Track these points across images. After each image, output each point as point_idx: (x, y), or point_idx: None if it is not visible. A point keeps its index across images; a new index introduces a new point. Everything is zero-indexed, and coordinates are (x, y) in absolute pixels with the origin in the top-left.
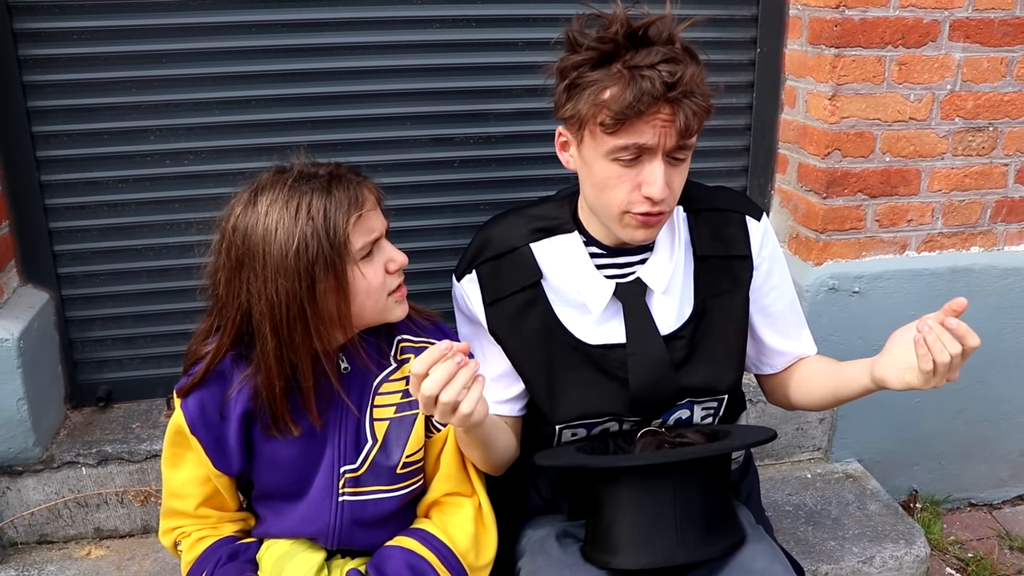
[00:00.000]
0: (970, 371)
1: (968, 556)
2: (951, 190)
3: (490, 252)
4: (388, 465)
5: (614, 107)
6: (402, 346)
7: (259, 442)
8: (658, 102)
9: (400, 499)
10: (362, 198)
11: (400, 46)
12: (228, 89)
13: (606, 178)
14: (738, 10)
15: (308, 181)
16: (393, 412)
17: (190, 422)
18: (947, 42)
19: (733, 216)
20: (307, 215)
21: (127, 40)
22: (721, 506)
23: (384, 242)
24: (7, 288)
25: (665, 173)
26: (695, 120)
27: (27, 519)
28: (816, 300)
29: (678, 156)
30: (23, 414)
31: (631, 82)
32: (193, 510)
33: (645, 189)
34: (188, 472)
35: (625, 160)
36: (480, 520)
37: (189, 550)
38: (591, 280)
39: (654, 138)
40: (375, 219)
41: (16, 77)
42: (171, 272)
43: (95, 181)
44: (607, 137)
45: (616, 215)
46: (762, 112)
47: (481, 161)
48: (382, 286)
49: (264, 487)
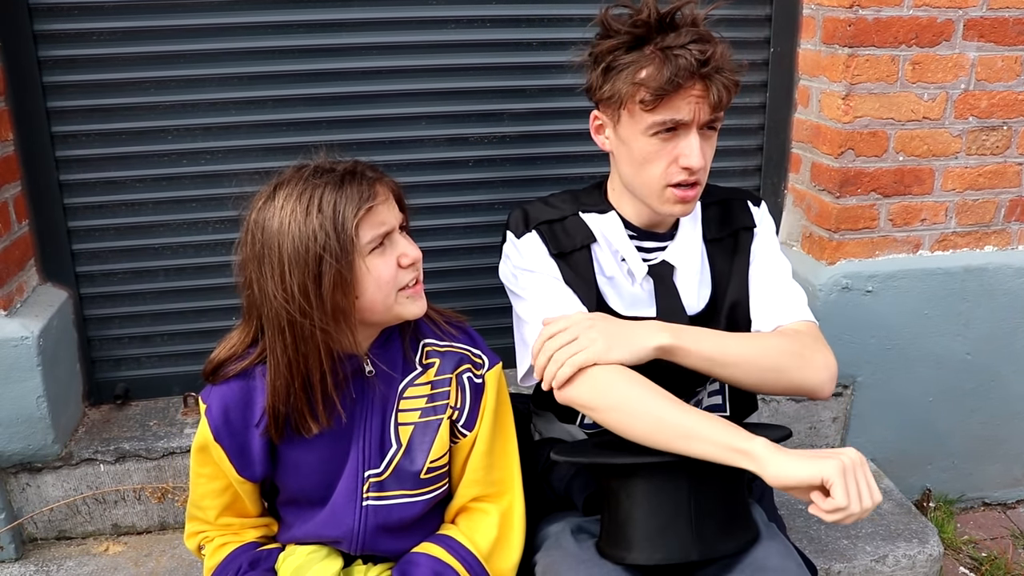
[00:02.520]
0: (984, 371)
1: (982, 556)
2: (965, 189)
3: (544, 217)
4: (412, 470)
5: (652, 85)
6: (427, 350)
7: (283, 447)
8: (692, 78)
9: (424, 504)
10: (373, 191)
11: (415, 46)
12: (245, 89)
13: (646, 154)
14: (752, 10)
15: (322, 176)
16: (418, 417)
17: (214, 430)
18: (961, 41)
19: (735, 201)
20: (317, 208)
21: (145, 41)
22: (736, 503)
23: (398, 236)
24: (27, 287)
25: (700, 145)
26: (726, 94)
27: (46, 515)
28: (829, 299)
29: (711, 128)
30: (43, 411)
31: (666, 61)
32: (214, 520)
33: (683, 160)
34: (204, 486)
35: (663, 135)
36: (506, 525)
37: (211, 555)
38: (631, 257)
39: (689, 113)
40: (387, 212)
41: (36, 78)
42: (188, 271)
43: (113, 181)
44: (646, 114)
45: (657, 190)
46: (775, 111)
47: (496, 161)
48: (392, 280)
49: (289, 492)
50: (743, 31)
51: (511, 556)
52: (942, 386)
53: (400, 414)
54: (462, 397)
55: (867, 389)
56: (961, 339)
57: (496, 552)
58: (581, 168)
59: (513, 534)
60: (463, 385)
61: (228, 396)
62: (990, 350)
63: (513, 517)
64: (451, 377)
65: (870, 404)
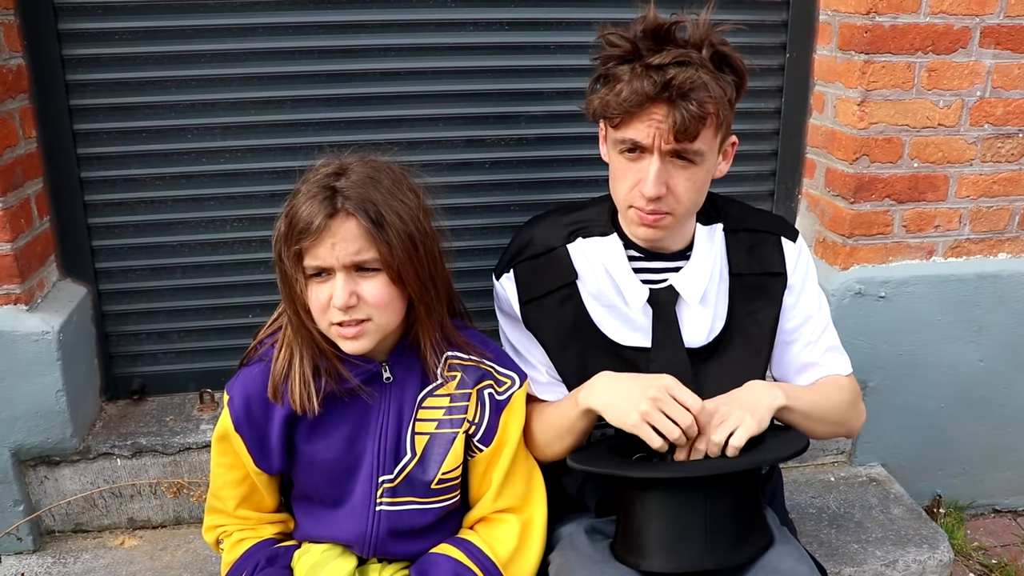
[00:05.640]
0: (995, 377)
1: (992, 563)
2: (979, 196)
3: (529, 252)
4: (423, 479)
5: (613, 102)
6: (450, 363)
7: (300, 443)
8: (650, 101)
9: (435, 512)
10: (324, 225)
11: (434, 48)
12: (264, 89)
13: (615, 170)
14: (768, 15)
15: (313, 184)
16: (435, 428)
17: (235, 420)
18: (978, 48)
19: (768, 237)
20: (285, 215)
21: (167, 40)
22: (750, 512)
23: (338, 277)
24: (47, 282)
25: (661, 172)
26: (692, 123)
27: (63, 508)
28: (842, 304)
29: (683, 158)
30: (61, 405)
31: (632, 79)
32: (232, 511)
33: (640, 186)
34: (224, 476)
35: (628, 155)
36: (526, 535)
37: (229, 551)
38: (627, 283)
39: (648, 137)
40: (327, 252)
41: (60, 75)
42: (206, 268)
43: (133, 178)
44: (612, 130)
45: (623, 209)
46: (791, 117)
47: (512, 163)
48: (322, 312)
49: (303, 488)
50: (759, 37)
51: (529, 563)
52: (954, 392)
53: (417, 423)
54: (481, 413)
55: (879, 395)
56: (974, 346)
57: (514, 561)
58: (598, 171)
59: (532, 544)
60: (483, 401)
61: (251, 387)
62: (1003, 357)
63: (533, 528)
64: (471, 392)
65: (881, 409)
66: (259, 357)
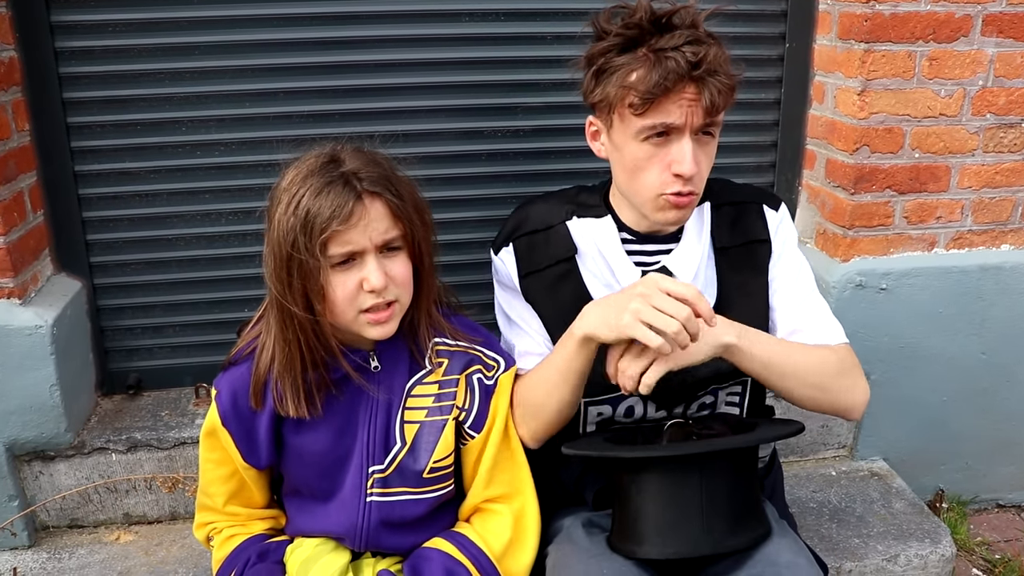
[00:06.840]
0: (998, 370)
1: (995, 557)
2: (981, 187)
3: (528, 227)
4: (415, 469)
5: (641, 88)
6: (437, 349)
7: (289, 436)
8: (683, 80)
9: (429, 503)
10: (349, 210)
11: (429, 39)
12: (258, 81)
13: (637, 160)
14: (767, 5)
15: (315, 176)
16: (424, 416)
17: (223, 414)
18: (979, 37)
19: (751, 206)
20: (294, 209)
21: (161, 32)
22: (748, 498)
23: (369, 258)
24: (41, 276)
25: (693, 151)
26: (720, 98)
27: (58, 503)
28: (843, 296)
29: (707, 133)
30: (55, 400)
31: (656, 63)
32: (221, 507)
33: (675, 167)
34: (212, 471)
35: (654, 140)
36: (520, 527)
37: (220, 547)
38: (620, 264)
39: (681, 117)
40: (359, 234)
41: (53, 68)
42: (201, 262)
43: (127, 171)
44: (636, 119)
45: (651, 198)
46: (790, 107)
47: (509, 154)
48: (350, 301)
49: (293, 482)
50: (758, 26)
51: (524, 558)
52: (956, 385)
53: (407, 412)
54: (470, 398)
55: (880, 388)
56: (976, 338)
57: (509, 554)
58: (594, 163)
59: (527, 536)
60: (472, 386)
61: (238, 382)
62: (1005, 350)
63: (527, 518)
64: (459, 378)
65: (883, 403)
66: (250, 353)
